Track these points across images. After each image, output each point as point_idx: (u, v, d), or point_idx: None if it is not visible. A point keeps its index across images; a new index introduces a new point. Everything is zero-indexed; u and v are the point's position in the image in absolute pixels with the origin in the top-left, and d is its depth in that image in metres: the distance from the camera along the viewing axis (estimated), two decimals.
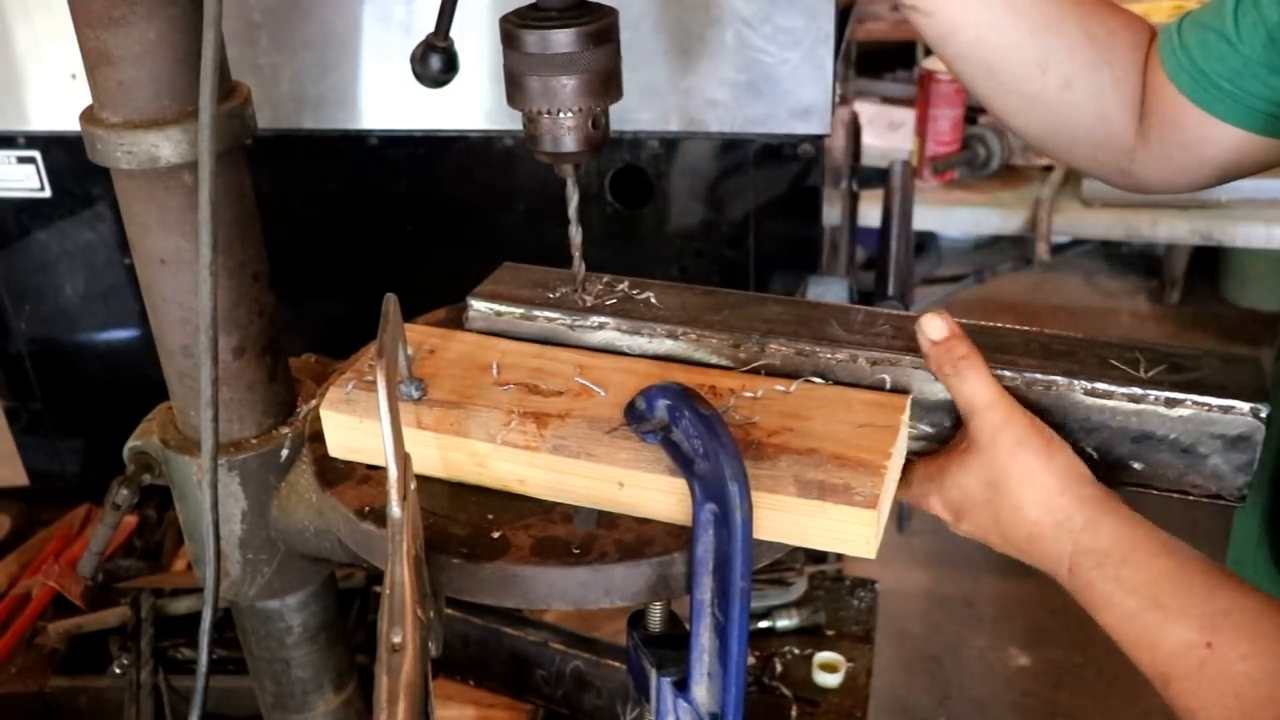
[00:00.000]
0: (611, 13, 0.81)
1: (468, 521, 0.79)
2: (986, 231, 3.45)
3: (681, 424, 0.74)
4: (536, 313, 0.91)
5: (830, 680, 1.37)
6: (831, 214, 1.63)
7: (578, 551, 0.76)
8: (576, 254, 0.91)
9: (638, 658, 0.84)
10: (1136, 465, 0.80)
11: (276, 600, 0.98)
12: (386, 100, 1.48)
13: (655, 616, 0.85)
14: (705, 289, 0.93)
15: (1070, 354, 0.82)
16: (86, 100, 0.81)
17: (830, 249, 1.66)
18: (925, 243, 4.22)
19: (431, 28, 0.86)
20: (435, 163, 1.52)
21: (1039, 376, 0.80)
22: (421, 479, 0.78)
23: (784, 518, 0.75)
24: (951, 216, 2.93)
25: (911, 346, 0.83)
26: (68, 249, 1.65)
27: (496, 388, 0.84)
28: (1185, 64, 0.94)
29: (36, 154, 1.58)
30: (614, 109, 0.84)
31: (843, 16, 1.49)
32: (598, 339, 0.90)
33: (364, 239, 1.61)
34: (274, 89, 1.48)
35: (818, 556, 1.55)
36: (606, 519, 0.79)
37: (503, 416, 0.81)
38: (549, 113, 0.81)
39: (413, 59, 0.88)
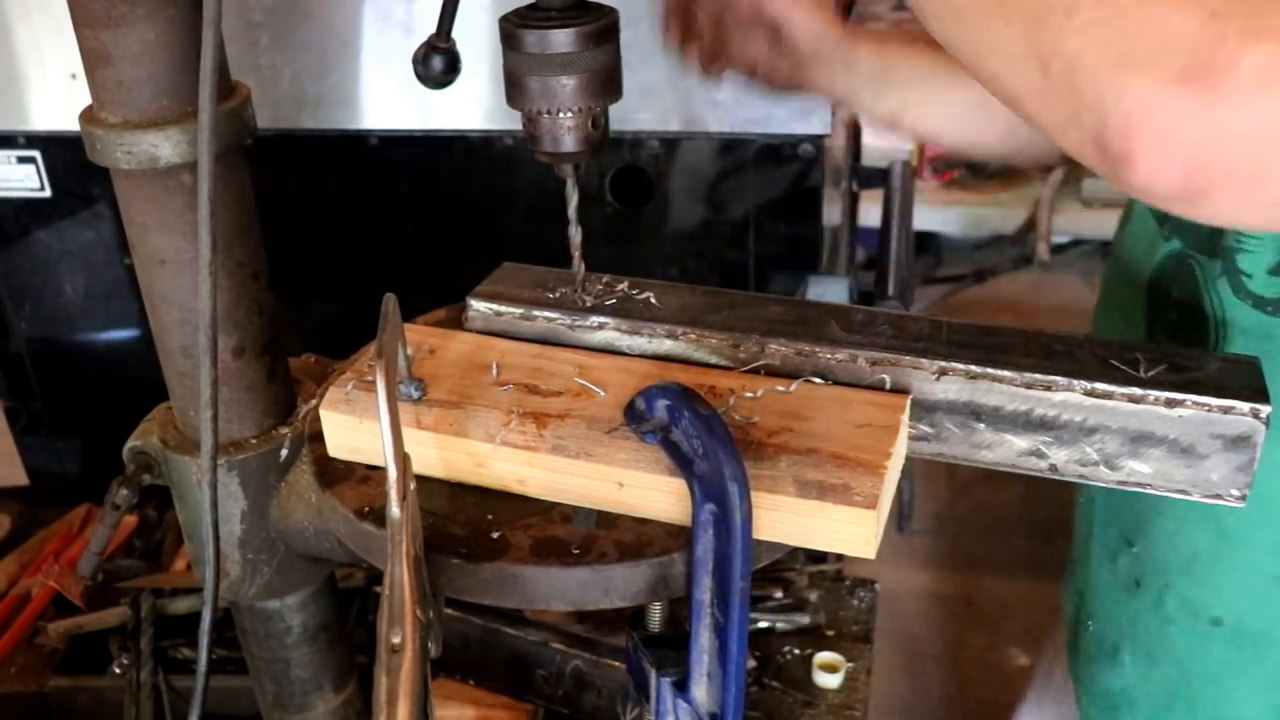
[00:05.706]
0: (611, 13, 0.81)
1: (467, 521, 0.79)
2: (986, 231, 3.45)
3: (681, 424, 0.74)
4: (536, 313, 0.91)
5: (830, 680, 1.37)
6: (831, 214, 1.63)
7: (577, 552, 0.76)
8: (576, 254, 0.91)
9: (637, 658, 0.84)
10: (1136, 465, 0.80)
11: (276, 600, 0.98)
12: (386, 100, 1.48)
13: (655, 616, 0.85)
14: (705, 289, 0.93)
15: (1070, 354, 0.82)
16: (86, 100, 0.81)
17: (830, 249, 1.66)
18: (925, 243, 4.22)
19: (432, 28, 0.86)
20: (435, 163, 1.52)
21: (1039, 376, 0.80)
22: (421, 479, 0.78)
23: (783, 518, 0.74)
24: (951, 216, 2.93)
25: (911, 346, 0.83)
26: (68, 249, 1.65)
27: (496, 388, 0.84)
28: None
29: (36, 154, 1.58)
30: (614, 109, 0.84)
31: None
32: (597, 339, 0.90)
33: (364, 239, 1.61)
34: (274, 89, 1.48)
35: (818, 556, 1.55)
36: (606, 519, 0.79)
37: (502, 417, 0.81)
38: (548, 113, 0.81)
39: (415, 60, 0.88)
